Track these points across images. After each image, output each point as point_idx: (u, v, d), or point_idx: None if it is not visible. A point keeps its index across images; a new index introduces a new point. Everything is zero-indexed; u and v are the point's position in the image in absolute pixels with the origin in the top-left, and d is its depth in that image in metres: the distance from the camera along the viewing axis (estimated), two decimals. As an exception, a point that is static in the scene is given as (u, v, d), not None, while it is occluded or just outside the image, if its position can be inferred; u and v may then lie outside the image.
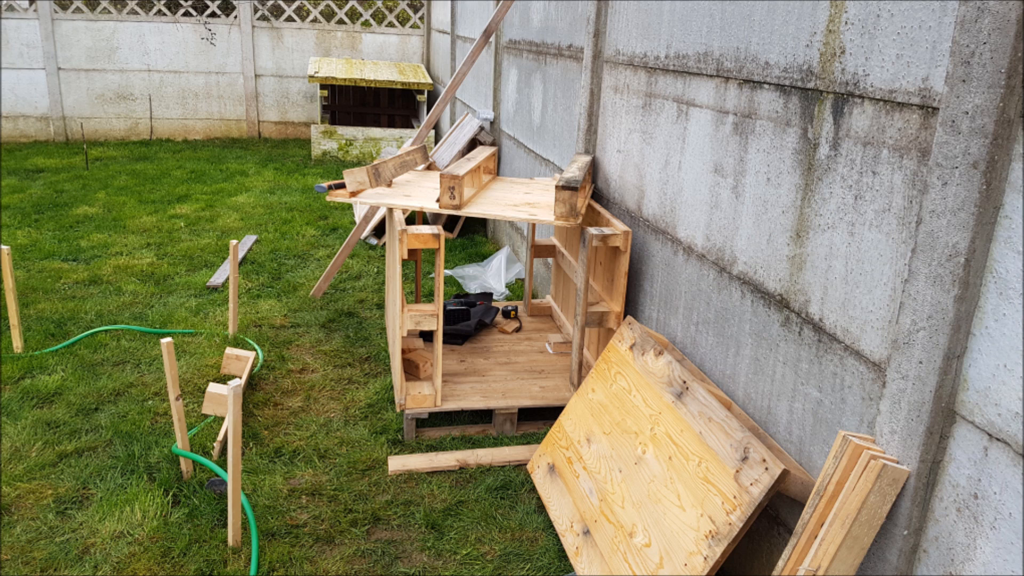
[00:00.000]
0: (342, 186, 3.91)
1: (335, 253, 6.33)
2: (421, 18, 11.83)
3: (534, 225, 4.92)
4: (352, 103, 11.24)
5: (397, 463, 3.44)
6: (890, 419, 1.89)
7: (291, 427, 3.74)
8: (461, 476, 3.40)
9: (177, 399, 3.09)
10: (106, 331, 4.69)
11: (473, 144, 6.81)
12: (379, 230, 6.86)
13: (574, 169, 3.77)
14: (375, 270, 6.02)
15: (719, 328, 2.83)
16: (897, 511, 1.87)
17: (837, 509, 1.85)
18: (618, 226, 3.49)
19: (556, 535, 3.03)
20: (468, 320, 4.54)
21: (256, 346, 4.47)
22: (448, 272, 5.90)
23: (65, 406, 3.81)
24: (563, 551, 2.95)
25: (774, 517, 2.51)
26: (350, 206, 7.86)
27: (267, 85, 11.29)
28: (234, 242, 4.31)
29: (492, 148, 4.46)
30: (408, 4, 11.91)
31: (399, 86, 10.08)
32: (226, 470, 3.08)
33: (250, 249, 6.38)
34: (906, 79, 1.89)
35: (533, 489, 3.32)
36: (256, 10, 10.97)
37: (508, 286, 5.71)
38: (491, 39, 6.72)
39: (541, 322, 4.82)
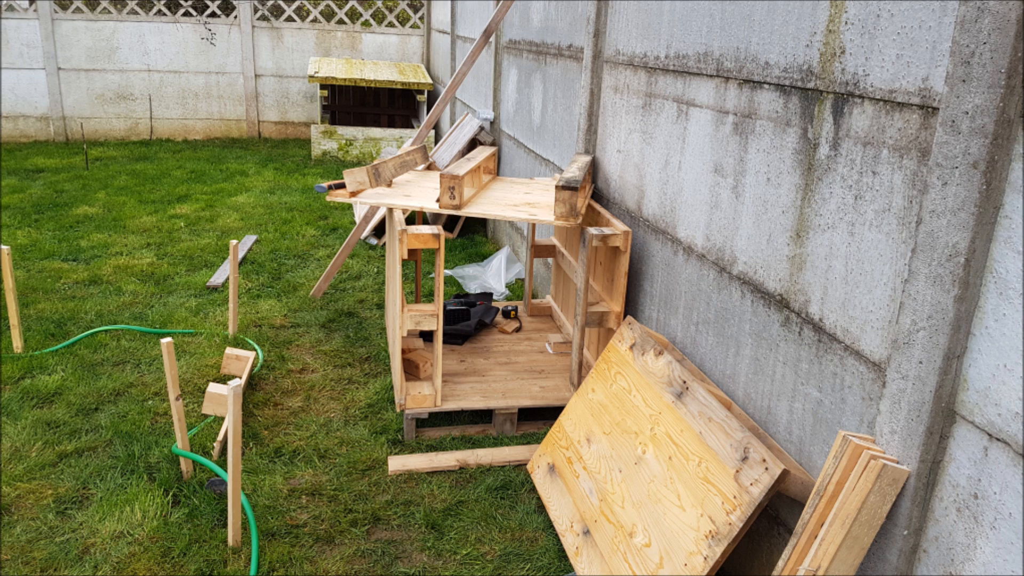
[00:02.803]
0: (342, 186, 3.91)
1: (335, 253, 6.33)
2: (421, 18, 11.83)
3: (534, 225, 4.92)
4: (352, 103, 11.24)
5: (397, 463, 3.44)
6: (890, 419, 1.89)
7: (291, 427, 3.74)
8: (461, 476, 3.40)
9: (177, 399, 3.09)
10: (106, 331, 4.69)
11: (473, 144, 6.81)
12: (379, 230, 6.86)
13: (574, 169, 3.77)
14: (375, 270, 6.02)
15: (719, 328, 2.83)
16: (897, 511, 1.87)
17: (837, 509, 1.85)
18: (618, 226, 3.49)
19: (556, 535, 3.03)
20: (468, 320, 4.54)
21: (256, 346, 4.47)
22: (448, 272, 5.90)
23: (65, 406, 3.81)
24: (563, 551, 2.95)
25: (774, 517, 2.51)
26: (350, 206, 7.86)
27: (267, 85, 11.29)
28: (234, 242, 4.31)
29: (492, 148, 4.46)
30: (408, 4, 11.91)
31: (399, 86, 10.08)
32: (226, 470, 3.08)
33: (250, 249, 6.39)
34: (906, 79, 1.89)
35: (533, 489, 3.32)
36: (256, 10, 10.97)
37: (508, 286, 5.71)
38: (491, 39, 6.72)
39: (541, 322, 4.82)
